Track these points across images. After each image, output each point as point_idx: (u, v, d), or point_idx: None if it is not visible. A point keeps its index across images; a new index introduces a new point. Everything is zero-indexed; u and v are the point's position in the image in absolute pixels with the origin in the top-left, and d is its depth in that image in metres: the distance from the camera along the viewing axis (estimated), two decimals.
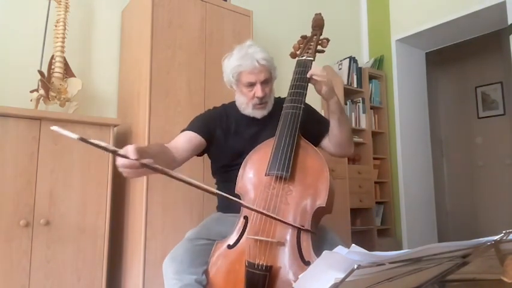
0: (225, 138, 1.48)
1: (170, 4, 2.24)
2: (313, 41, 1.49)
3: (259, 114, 1.46)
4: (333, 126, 1.42)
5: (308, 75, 1.36)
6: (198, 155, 1.51)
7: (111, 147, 0.94)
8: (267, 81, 1.43)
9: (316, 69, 1.35)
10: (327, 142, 1.51)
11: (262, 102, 1.43)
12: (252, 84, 1.41)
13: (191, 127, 1.48)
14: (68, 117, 1.91)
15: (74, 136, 0.80)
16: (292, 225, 1.15)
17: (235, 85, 1.47)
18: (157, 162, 0.98)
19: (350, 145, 1.49)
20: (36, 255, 1.74)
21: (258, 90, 1.40)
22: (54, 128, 0.81)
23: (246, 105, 1.45)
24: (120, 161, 0.96)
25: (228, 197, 1.07)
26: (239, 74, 1.42)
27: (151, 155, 1.05)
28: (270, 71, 1.44)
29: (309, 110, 1.47)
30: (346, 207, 3.11)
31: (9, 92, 2.09)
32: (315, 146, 1.49)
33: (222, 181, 1.53)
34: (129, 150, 0.96)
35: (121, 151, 0.95)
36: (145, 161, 0.95)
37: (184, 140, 1.42)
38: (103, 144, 0.85)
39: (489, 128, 4.71)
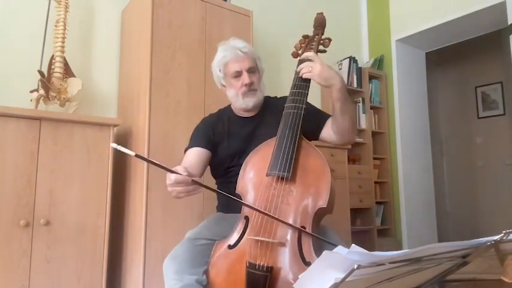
0: (223, 142, 1.50)
1: (170, 4, 2.24)
2: (315, 41, 1.47)
3: (250, 102, 1.48)
4: (335, 114, 1.40)
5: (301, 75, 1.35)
6: None
7: (164, 165, 1.03)
8: (253, 70, 1.48)
9: (304, 67, 1.34)
10: (327, 131, 1.48)
11: (250, 89, 1.47)
12: (238, 74, 1.46)
13: (195, 143, 1.49)
14: (68, 117, 1.91)
15: (131, 153, 0.96)
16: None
17: (224, 79, 1.52)
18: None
19: (352, 133, 1.46)
20: (36, 255, 1.74)
21: (245, 78, 1.45)
22: (113, 145, 0.98)
23: (237, 96, 1.48)
24: (173, 176, 1.08)
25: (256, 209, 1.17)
26: (225, 65, 1.48)
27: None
28: (255, 60, 1.50)
29: (309, 109, 1.46)
30: (346, 207, 3.11)
31: (9, 92, 2.08)
32: (316, 138, 1.49)
33: (223, 182, 1.53)
34: (179, 168, 1.09)
35: (172, 169, 1.07)
36: (195, 178, 1.10)
37: (195, 158, 1.45)
38: (156, 161, 1.01)
39: (489, 128, 4.71)
